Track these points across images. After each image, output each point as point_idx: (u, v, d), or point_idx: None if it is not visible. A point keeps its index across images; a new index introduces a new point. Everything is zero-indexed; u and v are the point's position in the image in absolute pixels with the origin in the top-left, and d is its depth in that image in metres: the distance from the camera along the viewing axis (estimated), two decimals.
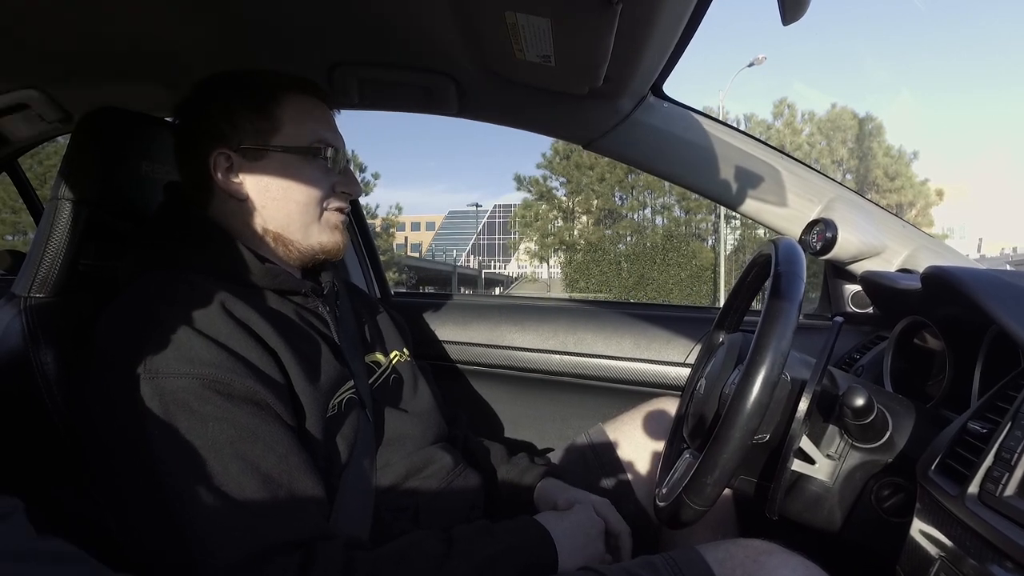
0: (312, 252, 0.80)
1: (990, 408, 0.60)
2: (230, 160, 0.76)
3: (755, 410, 0.60)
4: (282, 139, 0.77)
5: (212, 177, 0.76)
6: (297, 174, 0.77)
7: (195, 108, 0.79)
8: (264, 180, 0.77)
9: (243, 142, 0.76)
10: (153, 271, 0.72)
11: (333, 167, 0.80)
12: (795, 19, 0.55)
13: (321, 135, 0.79)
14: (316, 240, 0.80)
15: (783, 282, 0.66)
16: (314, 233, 0.79)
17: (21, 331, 0.71)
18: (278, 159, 0.77)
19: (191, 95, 0.80)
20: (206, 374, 0.62)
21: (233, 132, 0.76)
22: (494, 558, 0.66)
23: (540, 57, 0.85)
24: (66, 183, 0.77)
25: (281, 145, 0.77)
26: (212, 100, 0.78)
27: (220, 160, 0.76)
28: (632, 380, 1.29)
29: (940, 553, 0.54)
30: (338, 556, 0.60)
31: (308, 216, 0.78)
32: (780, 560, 0.61)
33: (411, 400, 0.91)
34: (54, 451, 0.70)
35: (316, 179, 0.78)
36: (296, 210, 0.78)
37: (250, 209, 0.77)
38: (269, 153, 0.76)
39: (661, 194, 19.75)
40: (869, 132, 19.03)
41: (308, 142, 0.78)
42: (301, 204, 0.78)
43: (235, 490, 0.59)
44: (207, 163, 0.76)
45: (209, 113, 0.77)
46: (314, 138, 0.78)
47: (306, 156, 0.78)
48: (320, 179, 0.79)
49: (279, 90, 0.78)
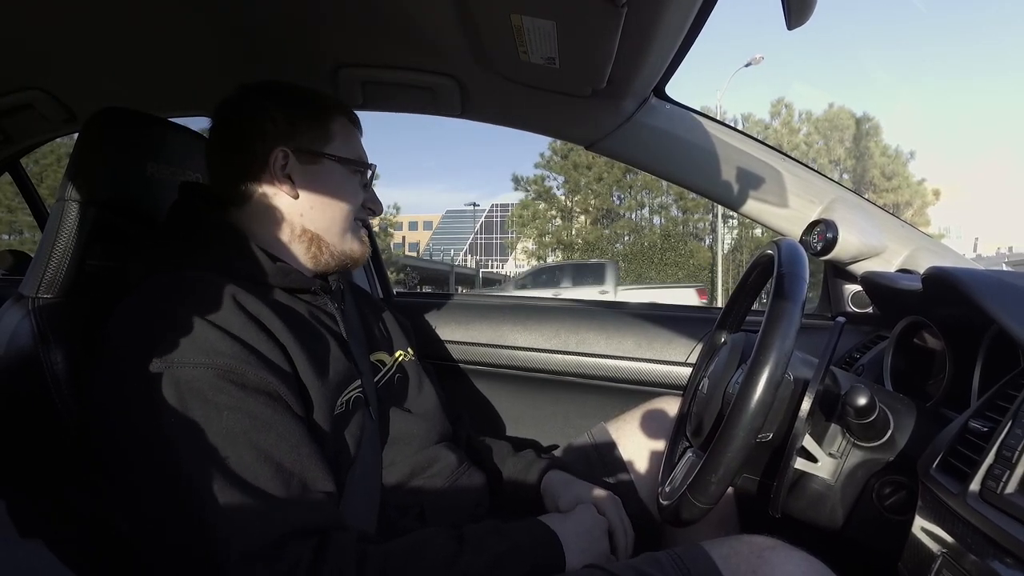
0: (343, 256, 0.85)
1: (990, 407, 0.61)
2: (287, 159, 0.79)
3: (759, 409, 0.60)
4: (334, 149, 0.83)
5: (268, 174, 0.78)
6: (343, 183, 0.83)
7: (251, 108, 0.81)
8: (316, 184, 0.81)
9: (301, 145, 0.80)
10: (165, 270, 0.72)
11: (368, 182, 0.88)
12: (800, 23, 0.56)
13: (360, 155, 0.86)
14: (348, 246, 0.85)
15: (786, 283, 0.67)
16: (348, 240, 0.85)
17: (31, 331, 0.72)
18: (330, 167, 0.82)
19: (239, 96, 0.82)
20: (221, 364, 0.62)
21: (294, 133, 0.80)
22: (503, 557, 0.66)
23: (544, 59, 0.86)
24: (73, 184, 0.78)
25: (335, 155, 0.82)
26: (270, 102, 0.81)
27: (279, 157, 0.79)
28: (634, 379, 1.29)
29: (942, 550, 0.55)
30: (351, 547, 0.61)
31: (346, 223, 0.84)
32: (784, 556, 0.61)
33: (416, 399, 0.91)
34: (64, 451, 0.71)
35: (355, 192, 0.85)
36: (339, 216, 0.83)
37: (293, 209, 0.80)
38: (323, 160, 0.81)
39: (659, 194, 19.79)
40: (866, 132, 19.10)
41: (354, 157, 0.85)
42: (344, 211, 0.83)
43: (250, 479, 0.59)
44: (267, 160, 0.78)
45: (272, 114, 0.80)
46: (356, 155, 0.85)
47: (352, 170, 0.84)
48: (358, 193, 0.86)
49: (330, 106, 0.85)
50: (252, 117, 0.80)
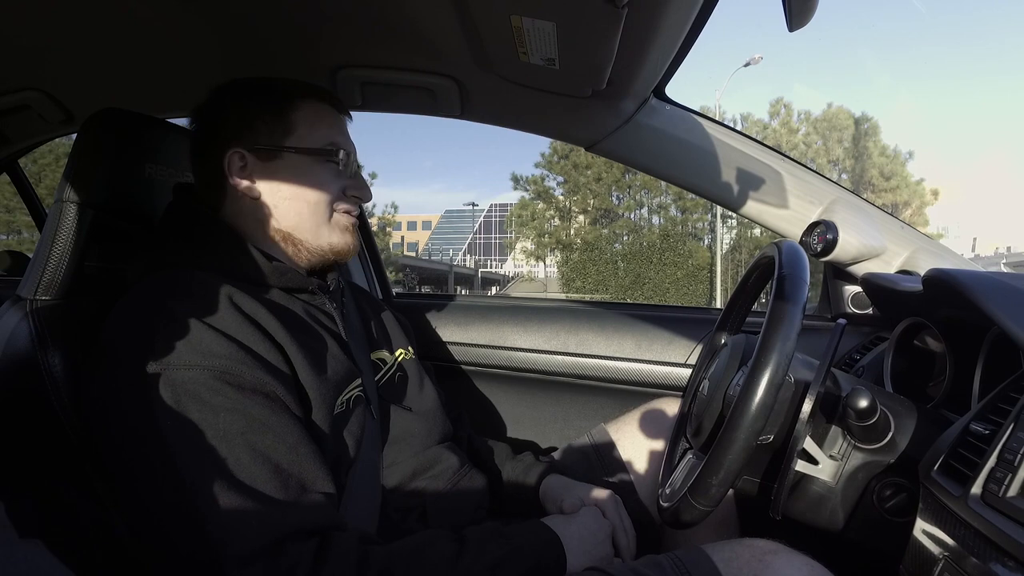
0: (322, 252, 0.81)
1: (991, 409, 0.61)
2: (244, 160, 0.78)
3: (760, 411, 0.60)
4: (295, 141, 0.79)
5: (226, 177, 0.77)
6: (308, 175, 0.79)
7: (212, 110, 0.80)
8: (276, 180, 0.78)
9: (257, 143, 0.78)
10: (160, 270, 0.72)
11: (344, 170, 0.82)
12: (801, 25, 0.56)
13: (333, 139, 0.81)
14: (326, 241, 0.81)
15: (787, 285, 0.66)
16: (324, 234, 0.81)
17: (28, 333, 0.71)
18: (290, 160, 0.78)
19: (208, 98, 0.81)
20: (217, 365, 0.62)
21: (248, 133, 0.78)
22: (504, 559, 0.66)
23: (544, 60, 0.86)
24: (71, 186, 0.77)
25: (294, 146, 0.78)
26: (229, 103, 0.79)
27: (235, 160, 0.77)
28: (633, 381, 1.29)
29: (943, 553, 0.55)
30: (353, 548, 0.61)
31: (318, 217, 0.80)
32: (785, 560, 0.61)
33: (416, 398, 0.91)
34: (63, 453, 0.71)
35: (327, 181, 0.80)
36: (307, 210, 0.79)
37: (262, 209, 0.78)
38: (282, 154, 0.78)
39: (657, 193, 19.80)
40: (865, 132, 19.11)
41: (320, 145, 0.79)
42: (312, 204, 0.79)
43: (247, 480, 0.59)
44: (221, 163, 0.77)
45: (225, 115, 0.79)
46: (326, 141, 0.80)
47: (317, 158, 0.79)
48: (331, 181, 0.80)
49: (294, 95, 0.80)
50: (210, 121, 0.80)
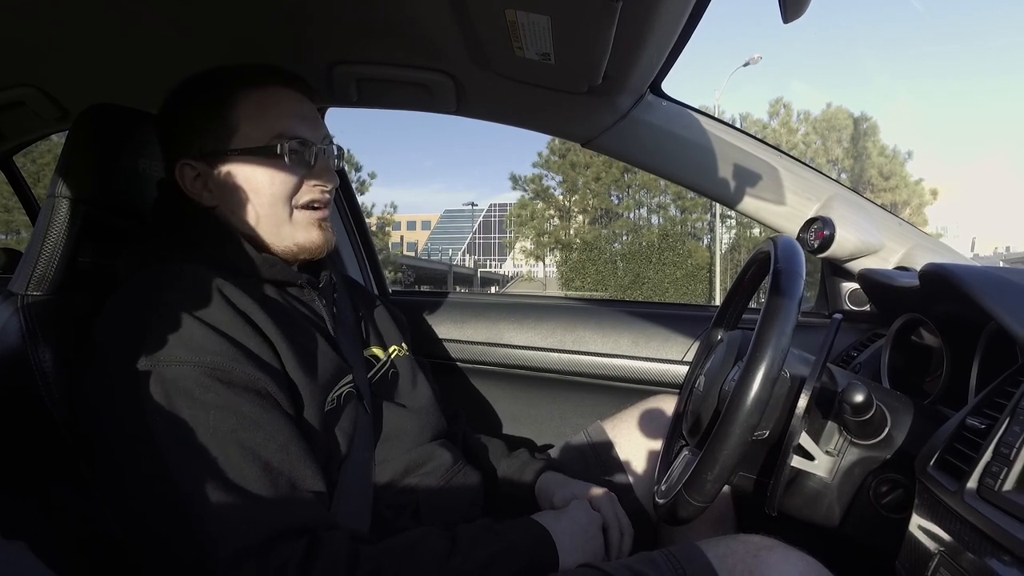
0: (290, 253, 0.78)
1: (988, 404, 0.61)
2: (196, 169, 0.76)
3: (755, 407, 0.60)
4: (239, 141, 0.75)
5: (183, 186, 0.76)
6: (256, 175, 0.75)
7: (161, 121, 0.79)
8: (227, 185, 0.75)
9: (203, 149, 0.75)
10: (151, 265, 0.71)
11: (297, 160, 0.76)
12: (796, 17, 0.55)
13: (281, 128, 0.75)
14: (291, 241, 0.78)
15: (783, 279, 0.66)
16: (287, 234, 0.77)
17: (19, 329, 0.71)
18: (236, 162, 0.74)
19: (161, 106, 0.80)
20: (207, 362, 0.62)
21: (195, 140, 0.75)
22: (496, 557, 0.66)
23: (539, 55, 0.85)
24: (63, 181, 0.77)
25: (237, 147, 0.74)
26: (173, 112, 0.78)
27: (186, 171, 0.76)
28: (630, 378, 1.29)
29: (939, 548, 0.55)
30: (343, 547, 0.60)
31: (276, 217, 0.76)
32: (781, 556, 0.61)
33: (409, 395, 0.90)
34: (54, 449, 0.70)
35: (278, 178, 0.75)
36: (263, 212, 0.76)
37: (223, 216, 0.77)
38: (227, 157, 0.75)
39: (657, 193, 19.81)
40: (864, 131, 19.13)
41: (266, 139, 0.75)
42: (266, 206, 0.75)
43: (237, 478, 0.58)
44: (174, 176, 0.76)
45: (172, 126, 0.77)
46: (273, 133, 0.75)
47: (261, 156, 0.75)
48: (282, 177, 0.75)
49: (232, 89, 0.76)
50: (160, 132, 0.79)
